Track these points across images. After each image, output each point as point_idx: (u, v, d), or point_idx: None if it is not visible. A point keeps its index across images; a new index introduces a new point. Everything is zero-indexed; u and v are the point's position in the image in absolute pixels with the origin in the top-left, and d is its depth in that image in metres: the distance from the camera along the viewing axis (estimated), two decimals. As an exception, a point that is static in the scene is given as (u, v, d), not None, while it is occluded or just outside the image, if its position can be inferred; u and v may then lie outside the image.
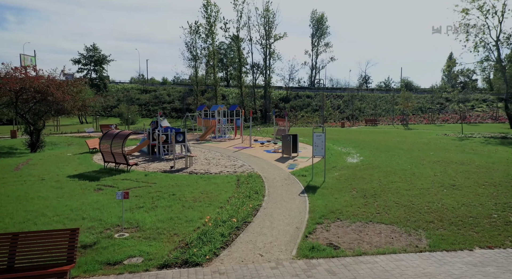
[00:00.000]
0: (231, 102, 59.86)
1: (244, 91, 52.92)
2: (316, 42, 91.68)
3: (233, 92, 64.68)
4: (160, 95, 63.04)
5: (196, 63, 50.64)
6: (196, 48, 50.05)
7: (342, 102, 56.85)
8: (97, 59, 62.83)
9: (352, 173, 13.12)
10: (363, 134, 32.08)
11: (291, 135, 17.78)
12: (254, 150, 20.92)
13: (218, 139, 27.78)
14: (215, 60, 51.53)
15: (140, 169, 14.51)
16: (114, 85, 69.76)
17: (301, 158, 17.65)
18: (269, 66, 53.91)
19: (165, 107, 58.71)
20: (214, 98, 52.37)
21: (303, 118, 52.11)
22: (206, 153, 19.72)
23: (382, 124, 45.64)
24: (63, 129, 35.48)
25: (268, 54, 53.92)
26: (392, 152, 19.09)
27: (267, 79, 53.34)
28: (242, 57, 53.32)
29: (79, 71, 62.76)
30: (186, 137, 18.69)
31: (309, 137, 29.10)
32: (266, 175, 13.13)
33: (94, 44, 63.23)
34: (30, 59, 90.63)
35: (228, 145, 23.46)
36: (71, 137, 27.12)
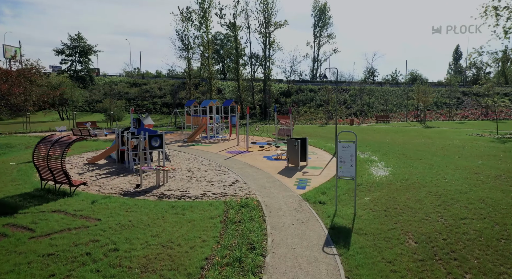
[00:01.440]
0: (228, 96, 55.90)
1: (241, 85, 48.95)
2: (318, 33, 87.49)
3: (230, 85, 60.70)
4: (150, 89, 59.00)
5: (188, 53, 46.55)
6: (189, 36, 45.94)
7: (349, 96, 52.94)
8: (82, 49, 58.58)
9: (390, 197, 9.31)
10: (378, 133, 28.24)
11: (298, 140, 13.89)
12: (251, 155, 17.07)
13: (210, 140, 23.90)
14: (210, 50, 47.46)
15: (93, 188, 10.64)
16: (101, 78, 65.65)
17: (311, 168, 13.81)
18: (269, 57, 49.90)
19: (155, 102, 54.72)
20: (209, 92, 48.39)
21: (306, 114, 48.23)
22: (191, 160, 15.85)
23: (394, 121, 41.79)
24: (35, 127, 31.51)
25: (267, 43, 49.87)
26: (426, 159, 15.27)
27: (267, 71, 49.34)
28: (239, 47, 49.24)
29: (62, 62, 58.59)
30: (164, 142, 14.79)
31: (315, 137, 25.26)
32: (268, 200, 9.29)
33: (78, 33, 58.96)
34: (14, 50, 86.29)
35: (221, 148, 19.59)
36: (36, 138, 23.17)
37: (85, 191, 10.20)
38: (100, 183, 11.32)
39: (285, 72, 56.48)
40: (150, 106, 53.21)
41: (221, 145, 21.60)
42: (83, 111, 50.63)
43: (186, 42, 45.67)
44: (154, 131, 14.80)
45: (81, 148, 19.25)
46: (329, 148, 19.18)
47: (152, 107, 52.79)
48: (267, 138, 23.81)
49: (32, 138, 23.21)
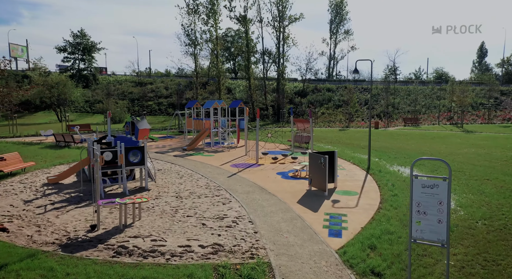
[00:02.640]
0: (238, 96, 52.61)
1: (252, 84, 45.56)
2: (335, 29, 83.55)
3: (240, 85, 57.40)
4: (156, 88, 56.20)
5: (195, 50, 43.42)
6: (195, 31, 42.81)
7: (370, 96, 48.81)
8: (85, 46, 56.26)
9: (484, 259, 5.73)
10: (413, 139, 24.35)
11: (325, 156, 10.33)
12: (262, 171, 13.61)
13: (214, 147, 20.55)
14: (218, 46, 44.23)
15: (27, 232, 7.38)
16: (106, 77, 63.30)
17: (343, 193, 10.25)
18: (282, 54, 46.34)
19: (160, 102, 51.85)
20: (218, 91, 45.17)
21: (323, 116, 44.46)
22: (184, 178, 12.49)
23: (424, 124, 37.62)
24: (22, 131, 28.83)
25: (281, 39, 46.33)
26: (495, 179, 11.58)
27: (281, 69, 45.80)
28: (250, 42, 45.85)
29: (64, 60, 56.44)
30: (147, 155, 11.51)
31: (338, 144, 21.43)
32: (286, 266, 5.83)
33: (81, 29, 56.67)
34: (21, 49, 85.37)
35: (225, 159, 16.19)
36: (11, 145, 20.31)
37: (9, 240, 6.93)
38: (43, 221, 8.04)
39: (300, 70, 52.88)
40: (155, 106, 50.40)
41: (226, 154, 18.22)
42: (84, 112, 48.18)
43: (192, 37, 42.56)
44: (133, 142, 11.50)
45: (58, 158, 16.16)
46: (358, 160, 15.55)
47: (157, 108, 49.97)
48: (281, 146, 20.35)
49: (7, 145, 20.33)
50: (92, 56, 57.82)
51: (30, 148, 18.80)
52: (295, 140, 20.30)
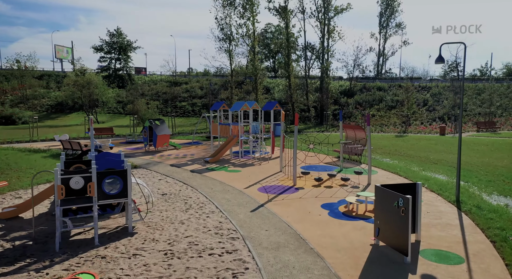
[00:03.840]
0: (277, 96, 48.94)
1: (293, 82, 41.61)
2: (385, 23, 76.99)
3: (280, 84, 53.71)
4: (191, 88, 54.26)
5: (230, 45, 40.36)
6: (231, 25, 39.75)
7: (430, 96, 42.79)
8: (120, 45, 55.76)
9: None
10: (499, 151, 19.04)
11: (407, 197, 6.25)
12: (301, 200, 9.79)
13: (244, 159, 17.04)
14: (256, 41, 40.81)
15: None
16: (142, 77, 62.77)
17: (437, 259, 6.11)
18: (327, 49, 41.89)
19: (194, 103, 49.65)
20: (254, 91, 41.79)
21: (374, 119, 39.33)
22: (190, 211, 9.05)
23: (503, 129, 31.31)
24: (43, 134, 27.40)
25: (326, 32, 41.91)
26: None
27: (325, 65, 41.36)
28: (291, 37, 41.91)
29: (100, 60, 56.34)
30: (131, 188, 8.23)
31: (398, 156, 16.59)
32: None
33: (118, 28, 56.28)
34: (66, 51, 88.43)
35: (253, 178, 12.57)
36: (13, 152, 18.35)
37: None
38: None
39: (347, 67, 47.98)
40: (189, 107, 48.26)
41: (256, 169, 14.61)
42: (116, 113, 47.23)
43: (227, 31, 39.55)
44: (115, 163, 8.22)
45: (50, 175, 13.53)
46: (437, 185, 11.22)
47: (191, 109, 47.77)
48: (328, 157, 16.32)
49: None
50: (128, 56, 57.26)
51: (31, 157, 16.55)
52: (345, 151, 16.17)
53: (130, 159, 16.98)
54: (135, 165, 14.96)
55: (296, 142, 12.29)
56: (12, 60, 56.62)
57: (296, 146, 12.32)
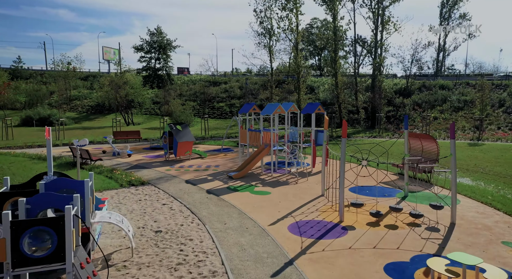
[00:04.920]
0: (322, 96, 45.06)
1: (340, 81, 37.56)
2: (447, 14, 69.51)
3: (325, 82, 49.69)
4: (230, 88, 52.12)
5: (270, 40, 37.35)
6: (271, 18, 36.71)
7: (508, 95, 36.38)
8: (160, 44, 55.15)
9: None
10: None
11: None
12: (350, 253, 6.44)
13: (277, 174, 13.93)
14: (299, 35, 37.35)
15: None
16: (181, 77, 62.01)
17: None
18: (381, 42, 37.26)
19: (233, 103, 47.34)
20: (297, 91, 38.37)
21: (437, 122, 34.09)
22: (182, 267, 6.13)
23: None
24: (68, 137, 26.35)
25: (380, 23, 37.29)
26: None
27: (378, 61, 36.79)
28: (339, 30, 37.90)
29: (140, 60, 56.16)
30: (105, 219, 5.44)
31: (478, 174, 12.29)
32: None
33: (158, 27, 55.77)
34: (113, 52, 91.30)
35: (285, 206, 9.42)
36: (23, 159, 16.86)
37: None
38: None
39: (403, 62, 42.78)
40: (226, 108, 46.06)
41: (290, 190, 11.42)
42: (153, 114, 46.33)
43: (267, 25, 36.57)
44: (58, 201, 5.47)
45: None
46: None
47: (228, 110, 45.51)
48: (380, 174, 12.66)
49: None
50: (168, 55, 56.53)
51: (36, 166, 14.79)
52: (410, 167, 12.37)
53: (143, 170, 14.61)
54: (142, 181, 12.48)
55: (344, 160, 8.90)
56: (57, 62, 58.50)
57: (344, 163, 8.93)
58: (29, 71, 72.91)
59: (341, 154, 8.87)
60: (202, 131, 30.42)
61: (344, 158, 8.84)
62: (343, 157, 8.83)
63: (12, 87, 45.37)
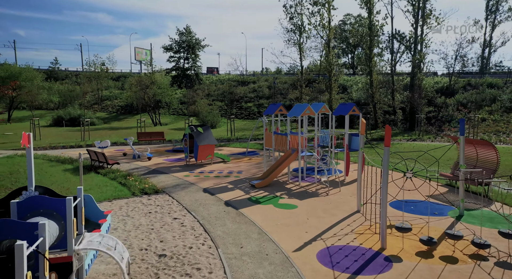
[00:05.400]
0: (355, 96, 42.81)
1: (375, 79, 35.30)
2: (494, 7, 64.53)
3: (359, 81, 47.30)
4: (258, 88, 50.97)
5: (301, 37, 35.76)
6: (302, 14, 35.11)
7: None
8: (189, 44, 54.98)
9: None
10: None
11: None
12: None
13: (305, 183, 12.50)
14: (331, 32, 35.48)
15: None
16: (210, 77, 61.67)
17: None
18: (421, 38, 34.59)
19: (261, 104, 46.12)
20: (328, 90, 36.53)
21: (485, 123, 31.04)
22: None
23: None
24: (93, 138, 26.21)
25: (420, 17, 34.64)
26: None
27: (419, 58, 34.16)
28: (375, 25, 35.63)
29: (170, 60, 56.26)
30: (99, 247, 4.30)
31: None
32: None
33: (187, 26, 55.65)
34: (145, 53, 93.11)
35: (312, 227, 8.00)
36: (37, 161, 16.48)
37: None
38: None
39: (446, 59, 39.66)
40: (254, 108, 44.92)
41: (320, 204, 9.97)
42: (181, 114, 46.06)
43: (297, 21, 35.00)
44: (19, 231, 4.36)
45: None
46: None
47: (256, 110, 44.34)
48: (425, 186, 10.86)
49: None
50: (196, 55, 56.27)
51: (51, 170, 14.27)
52: (464, 177, 10.48)
53: (160, 176, 13.67)
54: (157, 189, 11.48)
55: (387, 173, 7.34)
56: (90, 63, 59.97)
57: (387, 178, 7.37)
58: (65, 72, 75.69)
59: (383, 166, 7.32)
60: (228, 133, 29.41)
61: (387, 171, 7.28)
62: (385, 170, 7.27)
63: (46, 87, 46.77)
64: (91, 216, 8.34)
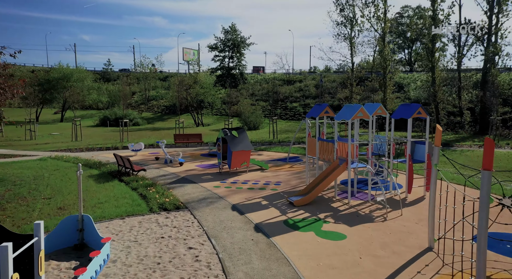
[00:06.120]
0: (413, 95, 38.88)
1: (438, 76, 31.39)
2: None
3: (418, 79, 43.08)
4: (305, 87, 48.59)
5: (352, 31, 32.91)
6: (354, 6, 32.23)
7: None
8: (233, 42, 54.06)
9: None
10: None
11: None
12: None
13: (356, 201, 10.29)
14: (386, 24, 32.17)
15: None
16: (254, 76, 60.39)
17: None
18: (497, 28, 30.09)
19: (307, 104, 43.73)
20: (382, 88, 33.25)
21: None
22: None
23: None
24: (132, 139, 25.81)
25: (496, 3, 30.15)
26: None
27: (493, 50, 29.72)
28: (438, 14, 31.68)
29: (214, 60, 55.76)
30: None
31: None
32: None
33: (233, 24, 54.77)
34: (193, 53, 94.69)
35: (365, 271, 5.95)
36: (64, 164, 15.84)
37: None
38: None
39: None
40: (300, 109, 42.65)
41: (376, 234, 7.77)
42: (224, 115, 45.14)
43: (349, 13, 32.18)
44: None
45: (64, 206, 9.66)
46: None
47: (302, 111, 42.05)
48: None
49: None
50: (241, 53, 55.20)
51: (75, 176, 13.44)
52: None
53: (187, 186, 12.21)
54: (178, 204, 9.95)
55: (487, 209, 5.00)
56: (138, 64, 61.53)
57: (486, 218, 5.04)
58: (117, 73, 78.97)
59: (482, 195, 5.00)
60: (270, 135, 27.62)
61: (487, 204, 4.96)
62: (485, 201, 4.95)
63: (95, 88, 48.46)
64: (90, 241, 6.96)
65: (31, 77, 46.66)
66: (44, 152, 19.59)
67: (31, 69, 65.10)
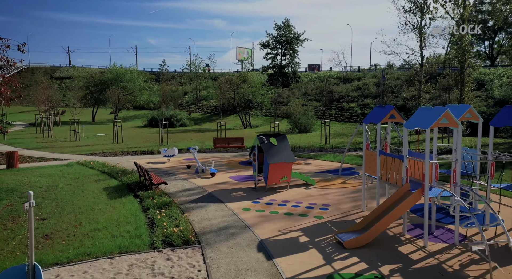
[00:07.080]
0: (497, 93, 33.10)
1: (534, 70, 25.79)
2: None
3: (503, 74, 36.87)
4: (364, 85, 44.40)
5: (422, 19, 28.52)
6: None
7: None
8: (286, 39, 51.42)
9: None
10: None
11: None
12: None
13: (436, 243, 7.22)
14: (466, 10, 27.28)
15: None
16: (308, 74, 57.16)
17: None
18: None
19: (366, 104, 39.64)
20: (458, 86, 28.38)
21: None
22: None
23: None
24: (176, 141, 24.45)
25: None
26: None
27: None
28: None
29: (266, 58, 53.51)
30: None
31: None
32: None
33: (286, 20, 52.14)
34: (247, 52, 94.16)
35: None
36: (94, 172, 14.52)
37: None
38: None
39: None
40: (358, 110, 38.73)
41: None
42: (273, 116, 42.73)
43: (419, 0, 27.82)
44: None
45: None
46: None
47: (360, 112, 38.11)
48: None
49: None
50: (295, 50, 52.38)
51: (92, 187, 11.92)
52: None
53: (211, 207, 9.99)
54: (188, 237, 7.71)
55: None
56: (191, 64, 61.67)
57: None
58: (171, 73, 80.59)
59: None
60: (322, 139, 24.63)
61: None
62: None
63: (146, 88, 48.97)
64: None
65: (87, 78, 48.50)
66: (78, 155, 18.83)
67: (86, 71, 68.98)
